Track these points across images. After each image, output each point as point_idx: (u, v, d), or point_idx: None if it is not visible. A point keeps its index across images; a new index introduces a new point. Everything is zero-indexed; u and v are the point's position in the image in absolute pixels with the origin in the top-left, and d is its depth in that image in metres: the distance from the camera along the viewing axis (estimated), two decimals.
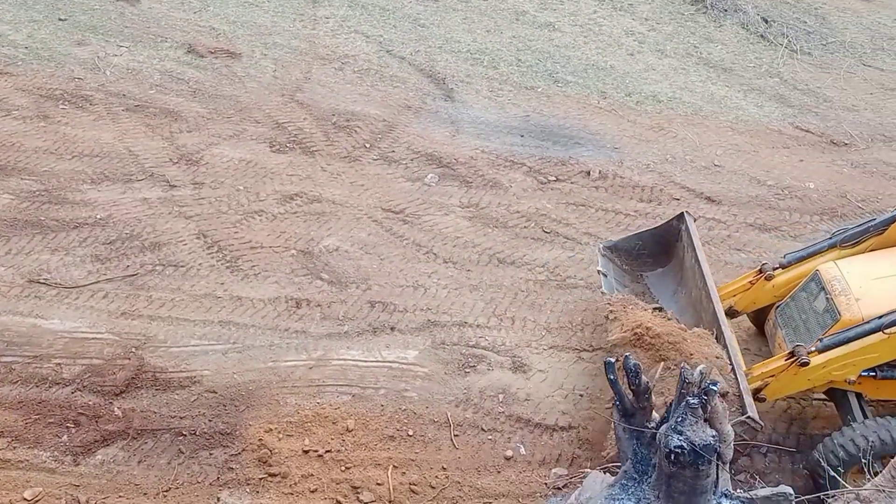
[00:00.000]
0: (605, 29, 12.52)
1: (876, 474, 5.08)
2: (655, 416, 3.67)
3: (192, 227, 7.88)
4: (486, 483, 5.68)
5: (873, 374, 5.56)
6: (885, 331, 5.33)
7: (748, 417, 5.02)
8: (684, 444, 3.22)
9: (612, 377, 3.58)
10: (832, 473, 5.09)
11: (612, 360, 3.61)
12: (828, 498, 4.04)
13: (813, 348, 5.44)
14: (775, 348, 6.15)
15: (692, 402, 3.26)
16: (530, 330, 7.06)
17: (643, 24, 12.79)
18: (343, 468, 5.70)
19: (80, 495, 5.38)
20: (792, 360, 5.45)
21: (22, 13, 11.22)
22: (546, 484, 5.62)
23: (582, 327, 7.10)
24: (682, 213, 6.94)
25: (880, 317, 5.36)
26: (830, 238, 6.32)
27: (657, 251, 7.08)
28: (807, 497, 4.53)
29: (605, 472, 4.18)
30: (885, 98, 11.44)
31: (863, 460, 5.02)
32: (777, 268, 6.34)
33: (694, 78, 11.50)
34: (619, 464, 3.97)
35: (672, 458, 3.25)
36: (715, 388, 3.37)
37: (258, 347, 6.62)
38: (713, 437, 3.25)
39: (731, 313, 6.46)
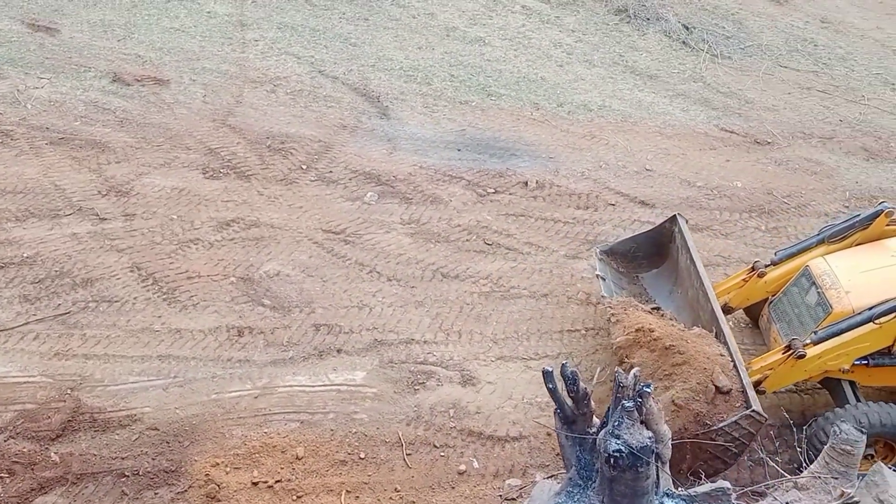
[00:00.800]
0: (534, 42, 12.76)
1: (867, 456, 5.41)
2: (596, 421, 3.72)
3: (126, 260, 7.65)
4: (440, 500, 5.66)
5: (865, 362, 5.83)
6: (876, 321, 5.62)
7: (753, 411, 5.17)
8: (622, 448, 3.28)
9: (550, 386, 3.63)
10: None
11: (550, 369, 3.66)
12: (768, 488, 4.18)
13: (808, 340, 5.67)
14: (771, 342, 6.39)
15: (627, 405, 3.33)
16: (477, 342, 7.09)
17: (570, 36, 13.10)
18: (295, 497, 5.59)
19: None
20: (789, 353, 5.67)
21: None
22: (500, 496, 5.63)
23: (528, 336, 7.18)
24: (675, 215, 7.15)
25: (870, 308, 5.64)
26: (818, 234, 6.63)
27: (652, 252, 7.30)
28: (749, 488, 4.67)
29: (553, 480, 4.21)
30: (802, 97, 11.98)
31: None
32: (769, 265, 6.62)
33: (622, 86, 11.82)
34: (565, 471, 4.01)
35: (611, 462, 3.31)
36: (648, 389, 3.45)
37: (200, 380, 6.45)
38: (650, 438, 3.32)
39: (727, 310, 6.69)
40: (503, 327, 7.23)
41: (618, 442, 3.26)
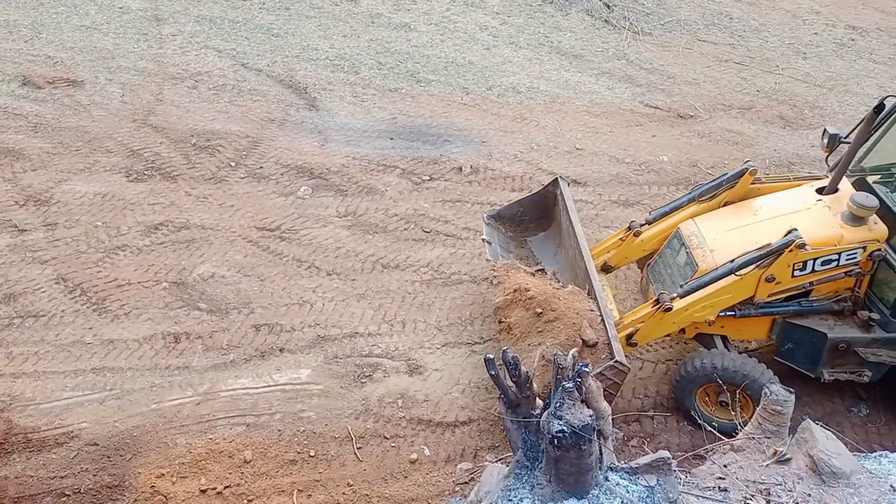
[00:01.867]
0: (460, 26, 12.76)
1: (721, 403, 5.89)
2: (539, 403, 3.79)
3: (50, 271, 7.33)
4: (394, 491, 5.67)
5: (732, 313, 6.13)
6: (737, 273, 5.94)
7: (616, 362, 5.50)
8: (564, 428, 3.35)
9: (493, 372, 3.67)
10: (683, 389, 6.11)
11: (491, 356, 3.70)
12: (707, 452, 4.35)
13: (675, 294, 6.01)
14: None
15: (567, 385, 3.40)
16: (422, 331, 7.10)
17: (495, 19, 13.15)
18: (246, 501, 5.50)
19: None
20: (657, 306, 5.98)
21: None
22: (453, 481, 5.69)
23: (471, 321, 7.23)
24: (556, 178, 7.35)
25: (731, 261, 5.96)
26: (689, 193, 6.89)
27: (538, 216, 7.50)
28: (689, 454, 4.86)
29: (501, 464, 4.27)
30: (721, 70, 12.38)
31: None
32: (644, 224, 6.86)
33: (548, 66, 11.95)
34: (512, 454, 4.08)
35: (555, 442, 3.37)
36: (587, 368, 3.53)
37: (138, 390, 6.26)
38: (591, 416, 3.40)
39: (606, 268, 6.98)
40: (446, 314, 7.27)
41: (560, 423, 3.33)
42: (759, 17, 14.36)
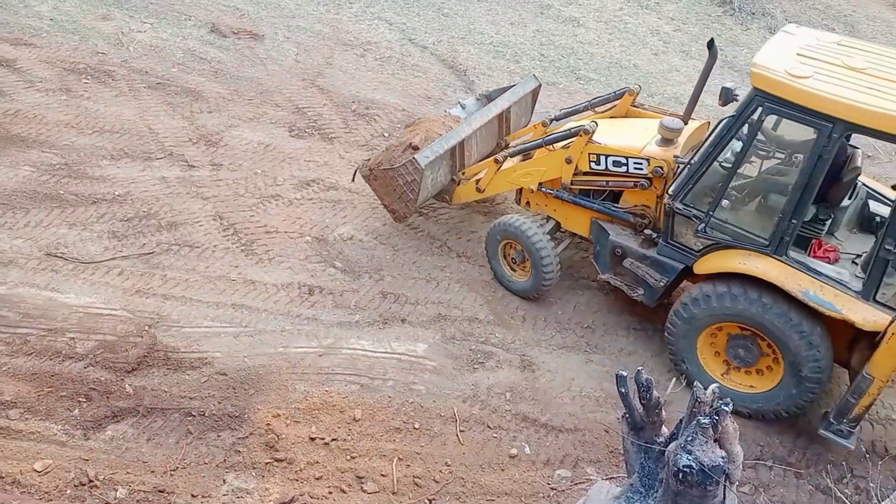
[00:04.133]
0: (630, 27, 12.41)
1: (513, 259, 7.15)
2: (665, 431, 3.66)
3: (209, 208, 7.92)
4: (489, 481, 5.70)
5: (553, 192, 7.04)
6: (547, 147, 6.93)
7: (413, 159, 6.95)
8: (693, 464, 3.21)
9: (623, 390, 3.57)
10: (490, 245, 7.30)
11: (625, 373, 3.59)
12: None
13: (507, 154, 7.28)
14: None
15: (703, 421, 3.25)
16: (541, 329, 7.06)
17: (669, 24, 12.67)
18: (349, 457, 5.74)
19: (89, 469, 5.45)
20: (496, 163, 7.30)
21: None
22: (549, 485, 5.64)
23: (593, 328, 7.09)
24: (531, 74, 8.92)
25: (547, 135, 7.01)
26: (586, 102, 7.78)
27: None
28: None
29: (611, 483, 4.18)
30: None
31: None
32: (552, 119, 7.79)
33: (718, 81, 11.35)
34: (624, 475, 3.97)
35: (680, 476, 3.24)
36: (727, 408, 3.35)
37: (269, 332, 6.66)
38: (722, 457, 3.24)
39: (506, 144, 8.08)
40: (568, 316, 7.18)
41: (689, 457, 3.19)
42: None
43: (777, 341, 5.76)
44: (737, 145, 5.93)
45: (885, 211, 6.03)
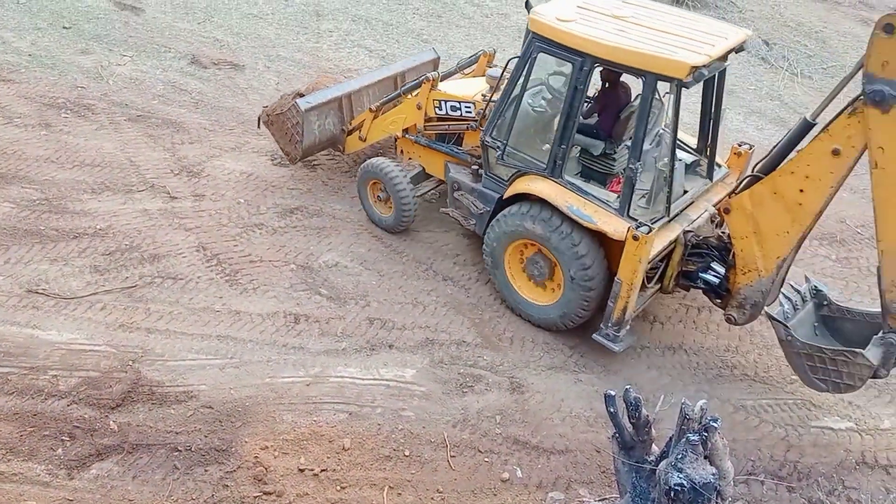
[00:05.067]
0: None
1: (378, 197, 8.17)
2: (655, 449, 3.65)
3: (192, 239, 7.87)
4: None
5: (415, 139, 8.05)
6: (404, 94, 8.15)
7: (296, 103, 8.14)
8: (684, 482, 3.20)
9: (612, 410, 3.56)
10: (361, 181, 8.24)
11: (613, 392, 3.59)
12: None
13: (379, 104, 8.27)
14: None
15: (693, 438, 3.25)
16: (529, 350, 7.05)
17: None
18: (339, 488, 5.66)
19: None
20: (370, 112, 8.31)
21: (26, 20, 11.26)
22: None
23: (580, 349, 7.08)
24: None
25: (404, 84, 8.35)
26: (457, 64, 8.79)
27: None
28: None
29: (605, 503, 4.15)
30: None
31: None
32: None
33: (696, 98, 11.51)
34: (616, 496, 3.95)
35: (672, 495, 3.23)
36: (716, 424, 3.35)
37: (256, 363, 6.60)
38: (713, 474, 3.23)
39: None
40: (554, 336, 7.17)
41: (680, 475, 3.19)
42: None
43: (555, 252, 6.68)
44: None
45: (682, 156, 7.14)
